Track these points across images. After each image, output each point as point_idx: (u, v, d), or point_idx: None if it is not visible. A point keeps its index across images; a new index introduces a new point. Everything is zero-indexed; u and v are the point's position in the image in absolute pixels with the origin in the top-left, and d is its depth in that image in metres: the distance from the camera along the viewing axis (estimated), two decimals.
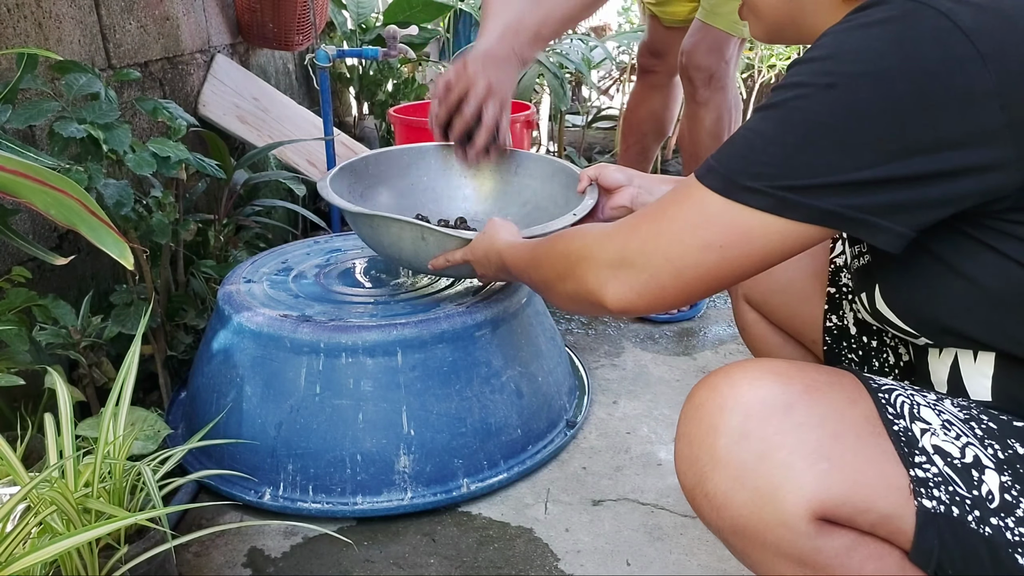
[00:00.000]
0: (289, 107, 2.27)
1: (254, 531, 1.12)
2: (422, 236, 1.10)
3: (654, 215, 0.69)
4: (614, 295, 0.71)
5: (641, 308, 0.70)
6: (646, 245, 0.68)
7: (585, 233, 0.77)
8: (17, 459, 0.85)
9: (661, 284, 0.68)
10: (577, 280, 0.75)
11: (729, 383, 0.63)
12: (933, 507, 0.56)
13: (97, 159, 1.12)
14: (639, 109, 2.11)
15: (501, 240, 0.99)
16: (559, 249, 0.81)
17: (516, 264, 0.94)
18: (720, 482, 0.61)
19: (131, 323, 1.20)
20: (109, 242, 0.77)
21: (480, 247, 1.04)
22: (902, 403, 0.61)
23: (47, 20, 1.35)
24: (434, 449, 1.15)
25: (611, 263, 0.71)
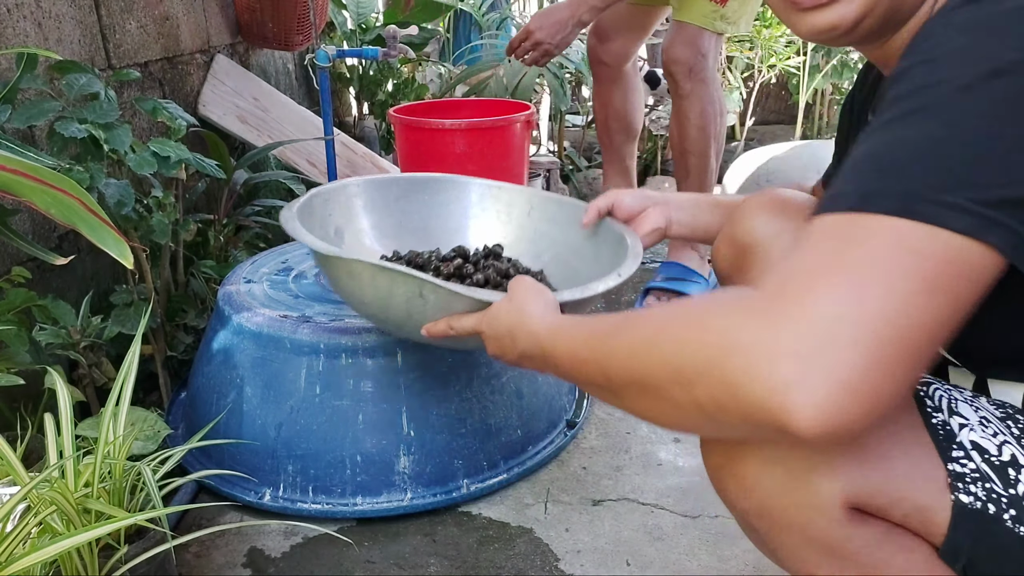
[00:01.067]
0: (289, 107, 2.27)
1: (254, 531, 1.12)
2: (420, 293, 0.79)
3: (823, 267, 0.48)
4: (811, 402, 0.44)
5: (856, 413, 0.45)
6: (845, 308, 0.45)
7: (712, 306, 0.52)
8: (17, 459, 0.85)
9: (887, 365, 0.45)
10: (727, 386, 0.48)
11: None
12: (970, 503, 0.55)
13: (98, 159, 1.12)
14: (603, 110, 2.14)
15: (535, 315, 0.72)
16: (669, 336, 0.53)
17: (569, 355, 0.65)
18: (752, 462, 0.59)
19: (131, 323, 1.20)
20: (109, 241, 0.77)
21: (503, 320, 0.76)
22: (940, 397, 0.60)
23: (47, 20, 1.35)
24: (434, 450, 1.15)
25: (794, 352, 0.45)
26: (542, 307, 0.73)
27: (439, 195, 1.22)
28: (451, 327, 0.83)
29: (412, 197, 1.21)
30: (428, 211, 1.21)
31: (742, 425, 0.49)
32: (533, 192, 1.22)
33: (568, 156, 2.99)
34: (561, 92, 2.65)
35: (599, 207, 1.02)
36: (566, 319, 0.69)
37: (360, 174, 2.29)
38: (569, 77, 3.05)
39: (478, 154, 1.97)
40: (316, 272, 1.40)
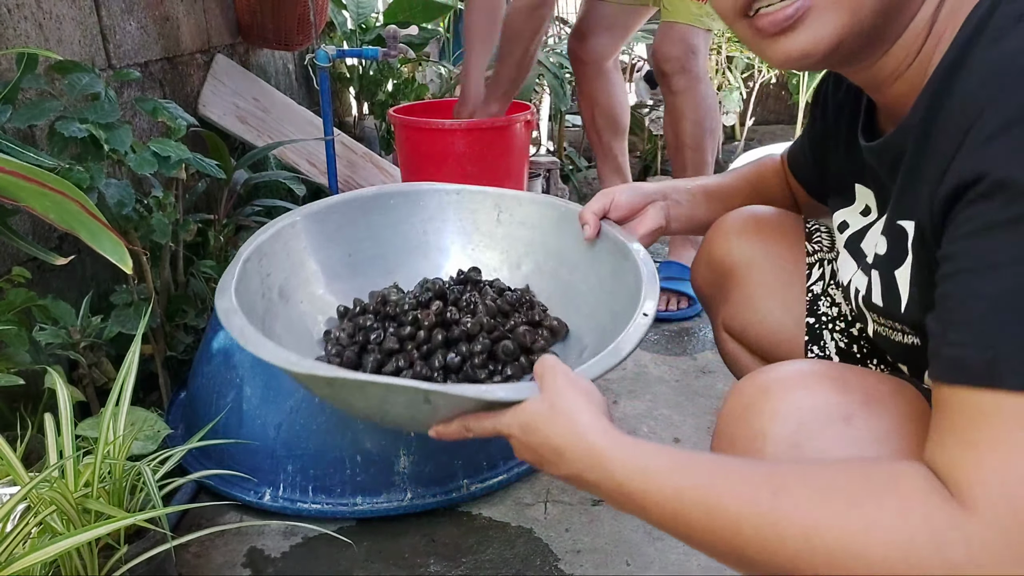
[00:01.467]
0: (289, 107, 2.27)
1: (254, 531, 1.12)
2: (425, 399, 0.63)
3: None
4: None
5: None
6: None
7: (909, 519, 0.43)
8: (17, 459, 0.85)
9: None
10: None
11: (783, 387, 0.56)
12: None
13: (98, 159, 1.12)
14: (589, 109, 2.15)
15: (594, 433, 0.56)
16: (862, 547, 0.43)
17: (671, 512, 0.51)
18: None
19: (131, 323, 1.20)
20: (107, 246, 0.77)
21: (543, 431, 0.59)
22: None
23: (47, 21, 1.35)
24: (434, 450, 1.15)
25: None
26: (595, 416, 0.57)
27: (390, 213, 1.06)
28: (468, 429, 0.65)
29: (360, 222, 1.03)
30: (381, 234, 1.05)
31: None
32: (499, 193, 1.06)
33: (568, 156, 2.99)
34: (561, 92, 2.65)
35: (595, 212, 0.93)
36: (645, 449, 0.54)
37: (360, 174, 2.29)
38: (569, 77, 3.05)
39: (478, 154, 1.97)
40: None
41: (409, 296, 0.97)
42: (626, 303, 0.81)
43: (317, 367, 0.67)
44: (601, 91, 2.11)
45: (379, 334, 0.93)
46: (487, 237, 1.06)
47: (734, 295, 0.95)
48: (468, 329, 0.92)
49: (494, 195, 1.06)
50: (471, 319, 0.93)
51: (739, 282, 0.94)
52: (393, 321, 0.95)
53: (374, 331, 0.93)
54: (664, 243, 2.28)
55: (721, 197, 1.00)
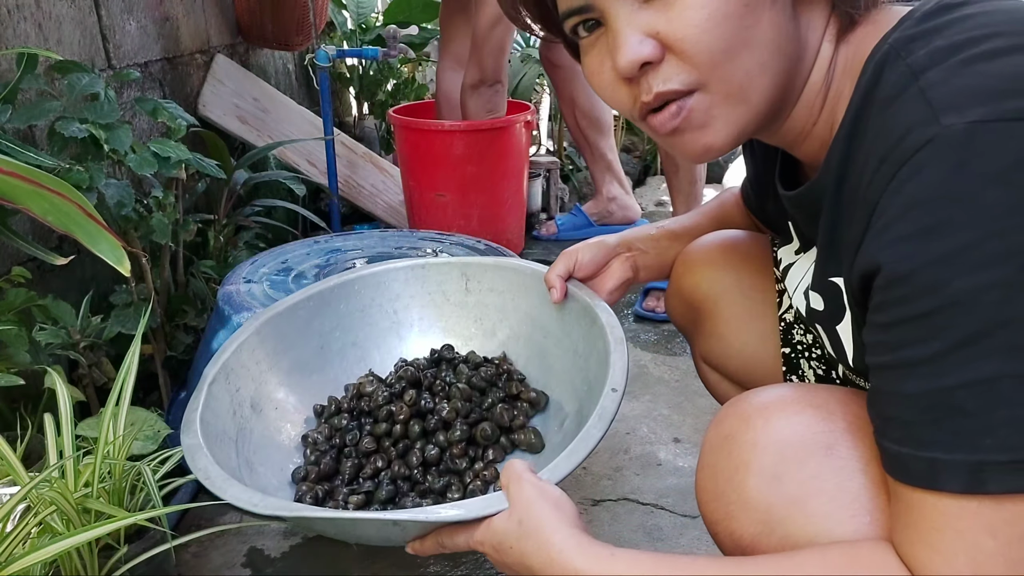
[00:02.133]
0: (289, 107, 2.27)
1: (253, 531, 1.12)
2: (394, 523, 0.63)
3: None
4: None
5: None
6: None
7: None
8: (17, 459, 0.85)
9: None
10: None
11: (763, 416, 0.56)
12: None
13: (98, 159, 1.12)
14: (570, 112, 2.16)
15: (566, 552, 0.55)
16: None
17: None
18: (747, 525, 0.55)
19: (131, 323, 1.20)
20: (105, 248, 0.77)
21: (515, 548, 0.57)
22: None
23: (47, 21, 1.35)
24: None
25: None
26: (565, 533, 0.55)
27: (356, 299, 1.03)
28: (442, 545, 0.65)
29: (326, 312, 1.01)
30: (350, 323, 1.03)
31: None
32: (464, 262, 1.05)
33: (568, 156, 2.99)
34: None
35: (560, 275, 0.90)
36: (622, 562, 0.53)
37: (360, 174, 2.29)
38: None
39: (478, 155, 1.97)
40: (316, 272, 1.40)
41: (383, 388, 0.95)
42: (598, 371, 0.80)
43: (280, 507, 0.68)
44: (579, 92, 2.11)
45: (355, 435, 0.92)
46: (458, 307, 1.05)
47: (707, 327, 0.93)
48: (444, 416, 0.91)
49: (459, 264, 1.05)
50: (447, 404, 0.92)
51: (711, 315, 0.92)
52: (369, 417, 0.94)
53: (350, 431, 0.92)
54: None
55: (687, 238, 0.97)
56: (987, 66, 0.44)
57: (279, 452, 0.92)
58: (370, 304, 1.04)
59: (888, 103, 0.48)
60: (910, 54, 0.48)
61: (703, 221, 1.00)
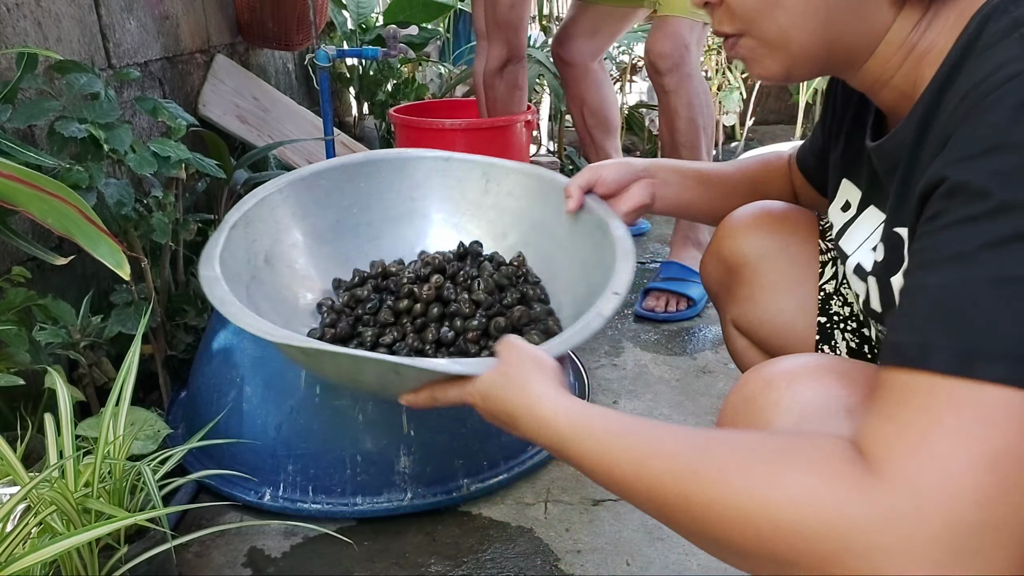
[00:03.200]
0: (289, 107, 2.27)
1: (254, 531, 1.12)
2: (395, 371, 0.68)
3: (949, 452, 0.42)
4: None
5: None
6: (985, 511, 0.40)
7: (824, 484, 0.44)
8: (17, 459, 0.85)
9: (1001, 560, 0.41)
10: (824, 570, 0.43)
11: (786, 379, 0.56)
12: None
13: (98, 159, 1.12)
14: (578, 110, 2.16)
15: (543, 399, 0.60)
16: (753, 496, 0.45)
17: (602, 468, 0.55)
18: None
19: (131, 323, 1.20)
20: (105, 251, 0.77)
21: (497, 399, 0.64)
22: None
23: (47, 19, 1.35)
24: (434, 449, 1.15)
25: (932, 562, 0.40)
26: (544, 384, 0.61)
27: (377, 180, 1.05)
28: (435, 398, 0.71)
29: (346, 188, 1.03)
30: (368, 202, 1.05)
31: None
32: (488, 162, 1.05)
33: (568, 156, 2.99)
34: (561, 92, 2.65)
35: (580, 186, 0.93)
36: (588, 412, 0.58)
37: None
38: None
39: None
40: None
41: (409, 270, 0.98)
42: (601, 280, 0.82)
43: (292, 338, 0.71)
44: (589, 91, 2.11)
45: (375, 305, 0.95)
46: (474, 207, 1.06)
47: (744, 291, 0.94)
48: (465, 305, 0.94)
49: (483, 164, 1.06)
50: (468, 295, 0.94)
51: (750, 278, 0.92)
52: (391, 294, 0.96)
53: (370, 302, 0.95)
54: (665, 243, 2.28)
55: (715, 184, 0.97)
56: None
57: (284, 309, 0.94)
58: (389, 188, 1.05)
59: (986, 49, 0.50)
60: (1018, 7, 0.50)
61: (737, 175, 0.98)
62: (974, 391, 0.42)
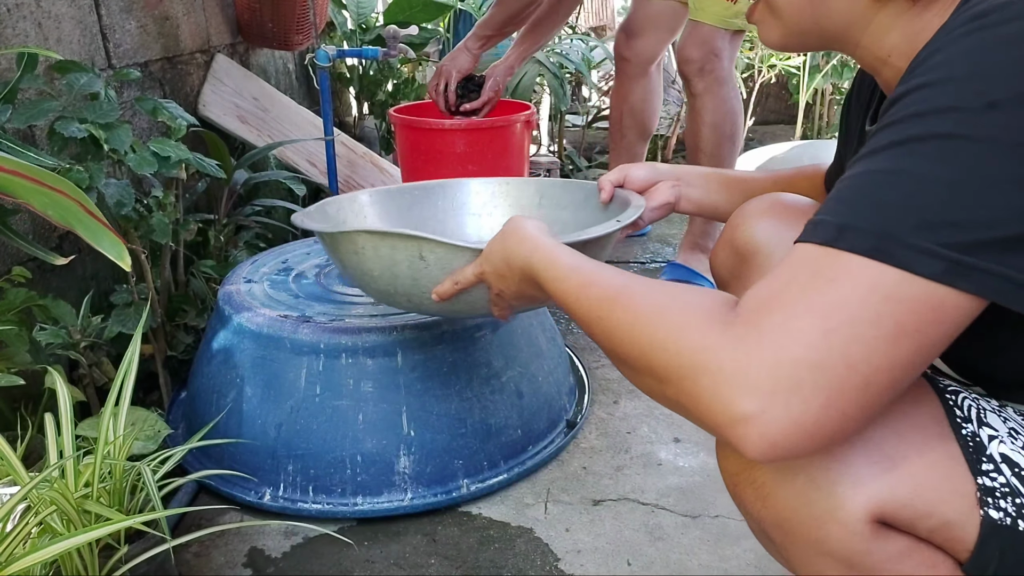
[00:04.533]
0: (289, 107, 2.27)
1: (254, 531, 1.12)
2: (420, 255, 0.83)
3: (796, 303, 0.48)
4: (766, 436, 0.47)
5: (804, 449, 0.48)
6: (811, 352, 0.47)
7: (695, 315, 0.53)
8: (17, 459, 0.85)
9: (841, 408, 0.47)
10: (692, 399, 0.51)
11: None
12: (999, 518, 0.53)
13: (98, 159, 1.12)
14: (619, 106, 2.12)
15: (533, 241, 0.73)
16: (652, 332, 0.54)
17: (563, 288, 0.66)
18: (770, 470, 0.57)
19: (131, 323, 1.20)
20: (106, 244, 0.77)
21: (497, 251, 0.77)
22: (969, 406, 0.58)
23: (47, 20, 1.35)
24: (434, 450, 1.15)
25: (757, 388, 0.47)
26: (533, 227, 0.75)
27: (448, 199, 1.25)
28: (456, 282, 0.84)
29: (423, 203, 1.23)
30: (443, 216, 1.23)
31: (701, 424, 0.53)
32: (539, 182, 1.23)
33: (568, 156, 2.99)
34: (561, 92, 2.65)
35: (612, 181, 1.02)
36: (564, 252, 0.70)
37: (360, 174, 2.29)
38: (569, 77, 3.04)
39: (478, 154, 1.97)
40: (316, 272, 1.40)
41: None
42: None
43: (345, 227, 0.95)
44: (637, 92, 2.07)
45: None
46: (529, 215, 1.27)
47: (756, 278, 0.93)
48: None
49: (535, 184, 1.24)
50: None
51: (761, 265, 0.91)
52: None
53: None
54: (664, 244, 2.28)
55: (738, 187, 0.98)
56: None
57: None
58: (460, 205, 1.24)
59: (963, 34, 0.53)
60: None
61: (763, 179, 0.99)
62: (835, 257, 0.48)
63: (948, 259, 0.46)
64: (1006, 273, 0.46)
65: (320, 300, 1.27)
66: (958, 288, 0.46)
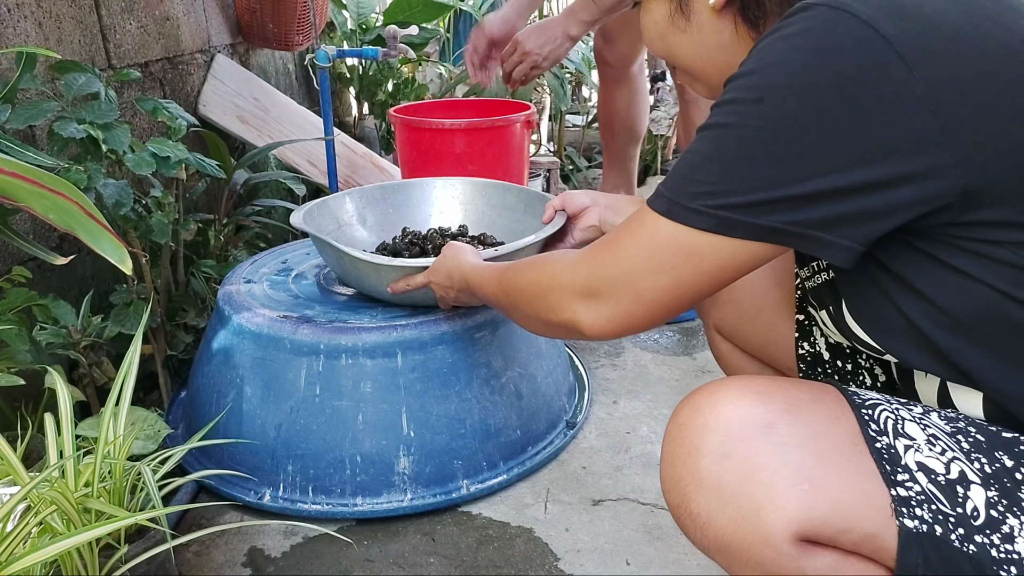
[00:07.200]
0: (289, 107, 2.27)
1: (254, 531, 1.12)
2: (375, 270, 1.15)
3: (612, 243, 0.70)
4: (588, 323, 0.72)
5: (614, 334, 0.72)
6: (607, 272, 0.70)
7: (553, 261, 0.79)
8: (17, 459, 0.85)
9: (626, 310, 0.69)
10: (549, 308, 0.77)
11: (710, 402, 0.63)
12: (915, 527, 0.55)
13: (97, 159, 1.12)
14: (607, 110, 2.12)
15: (466, 262, 1.01)
16: (529, 276, 0.82)
17: (482, 286, 0.95)
18: (703, 502, 0.61)
19: (131, 323, 1.20)
20: (107, 247, 0.77)
21: (442, 269, 1.05)
22: (886, 419, 0.60)
23: (47, 20, 1.35)
24: (434, 450, 1.15)
25: (580, 292, 0.72)
26: (469, 257, 1.02)
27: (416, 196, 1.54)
28: (407, 284, 1.14)
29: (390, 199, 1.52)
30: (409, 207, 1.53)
31: (564, 333, 0.77)
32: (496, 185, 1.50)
33: (568, 156, 2.99)
34: (561, 92, 2.65)
35: (555, 205, 1.21)
36: (484, 266, 0.97)
37: (360, 174, 2.29)
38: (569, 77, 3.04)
39: (478, 154, 1.96)
40: (316, 273, 1.40)
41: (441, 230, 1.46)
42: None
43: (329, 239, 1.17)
44: (621, 96, 2.07)
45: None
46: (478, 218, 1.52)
47: (724, 295, 0.99)
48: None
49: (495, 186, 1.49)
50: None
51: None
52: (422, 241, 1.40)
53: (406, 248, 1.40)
54: None
55: None
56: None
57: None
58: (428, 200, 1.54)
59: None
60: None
61: None
62: (645, 213, 0.67)
63: (716, 216, 0.61)
64: (761, 223, 0.59)
65: (320, 301, 1.27)
66: (733, 237, 0.61)
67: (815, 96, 0.55)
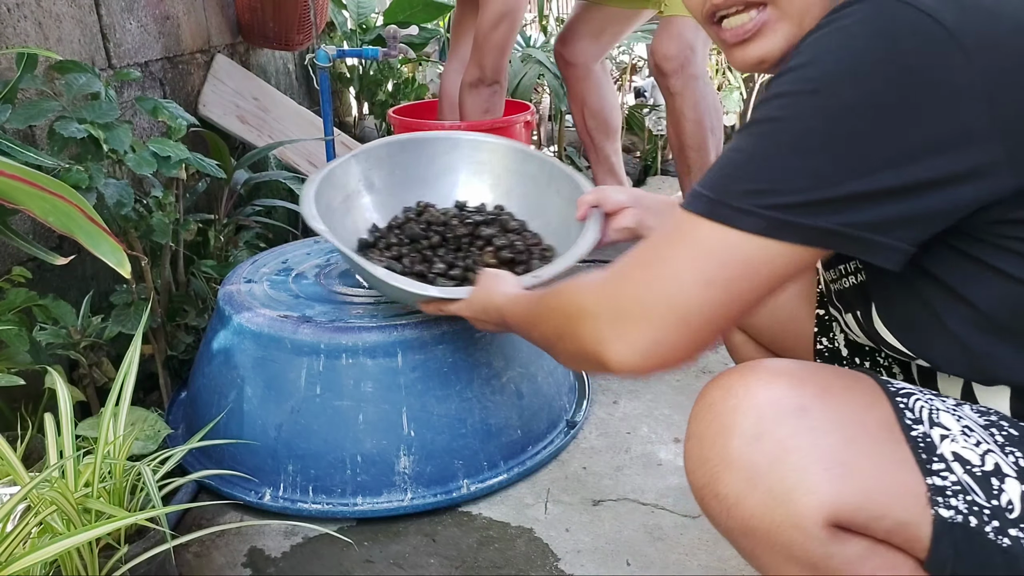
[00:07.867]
0: (289, 107, 2.27)
1: (254, 531, 1.12)
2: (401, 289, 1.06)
3: (645, 257, 0.63)
4: (617, 356, 0.63)
5: (648, 368, 0.62)
6: (642, 293, 0.61)
7: (578, 285, 0.70)
8: (17, 459, 0.85)
9: (668, 337, 0.61)
10: (575, 339, 0.68)
11: (743, 383, 0.61)
12: (950, 517, 0.54)
13: (97, 159, 1.12)
14: (579, 111, 2.16)
15: (500, 294, 0.93)
16: (553, 304, 0.75)
17: (517, 321, 0.87)
18: (732, 483, 0.60)
19: (131, 323, 1.20)
20: (106, 250, 0.77)
21: (478, 302, 0.97)
22: (921, 408, 0.60)
23: (47, 20, 1.35)
24: (434, 450, 1.15)
25: (609, 318, 0.63)
26: (504, 288, 0.94)
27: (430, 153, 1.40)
28: (440, 310, 1.06)
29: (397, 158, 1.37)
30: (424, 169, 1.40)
31: (593, 367, 0.67)
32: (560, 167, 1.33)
33: (568, 156, 2.99)
34: (561, 92, 2.65)
35: (588, 201, 1.11)
36: (519, 296, 0.89)
37: None
38: None
39: None
40: (316, 272, 1.40)
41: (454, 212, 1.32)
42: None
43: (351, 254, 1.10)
44: (590, 93, 2.10)
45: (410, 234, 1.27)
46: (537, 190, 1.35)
47: None
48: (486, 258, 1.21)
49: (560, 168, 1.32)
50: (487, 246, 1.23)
51: None
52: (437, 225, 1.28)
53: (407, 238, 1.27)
54: None
55: None
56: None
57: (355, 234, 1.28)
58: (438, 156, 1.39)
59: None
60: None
61: None
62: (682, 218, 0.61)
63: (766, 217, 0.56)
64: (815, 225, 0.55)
65: (320, 300, 1.27)
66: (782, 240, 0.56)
67: (870, 85, 0.53)
